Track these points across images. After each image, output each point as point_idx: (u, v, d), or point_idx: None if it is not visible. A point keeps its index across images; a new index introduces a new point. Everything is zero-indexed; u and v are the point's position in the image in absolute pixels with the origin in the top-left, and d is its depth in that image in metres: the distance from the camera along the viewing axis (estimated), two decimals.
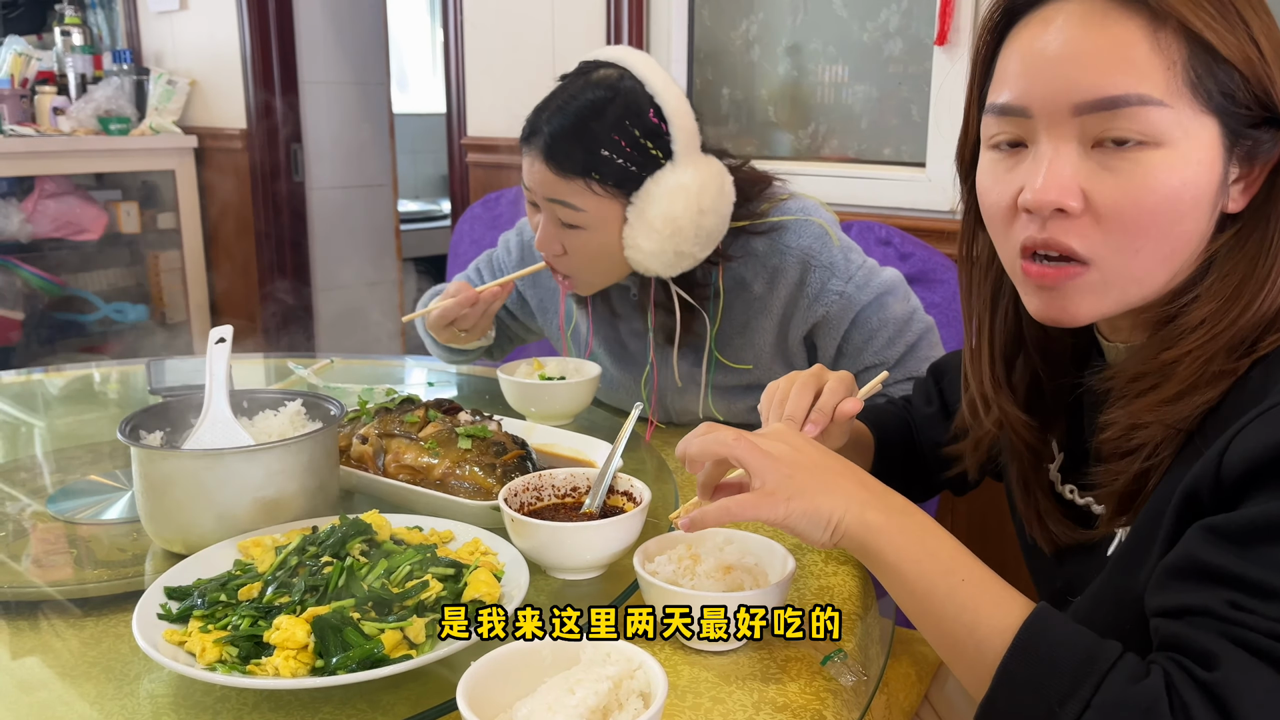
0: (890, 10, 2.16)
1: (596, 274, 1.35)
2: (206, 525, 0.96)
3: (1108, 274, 0.72)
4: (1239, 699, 0.58)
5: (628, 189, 1.26)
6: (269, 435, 1.07)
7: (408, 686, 0.79)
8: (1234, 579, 0.62)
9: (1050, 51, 0.71)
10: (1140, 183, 0.68)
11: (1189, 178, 0.68)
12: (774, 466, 0.76)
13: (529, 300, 1.62)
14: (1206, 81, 0.67)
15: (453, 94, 3.09)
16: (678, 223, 1.24)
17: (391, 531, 0.94)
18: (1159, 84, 0.67)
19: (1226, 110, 0.68)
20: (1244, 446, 0.63)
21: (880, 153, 2.24)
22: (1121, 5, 0.69)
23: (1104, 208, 0.70)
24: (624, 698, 0.69)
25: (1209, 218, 0.71)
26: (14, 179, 3.68)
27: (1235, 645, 0.60)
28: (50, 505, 1.15)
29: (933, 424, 1.12)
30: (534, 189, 1.30)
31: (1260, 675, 0.58)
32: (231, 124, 3.79)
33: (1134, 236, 0.70)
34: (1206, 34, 0.66)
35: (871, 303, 1.36)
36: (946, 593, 0.70)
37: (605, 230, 1.28)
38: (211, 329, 1.10)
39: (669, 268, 1.29)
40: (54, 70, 3.94)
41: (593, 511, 1.00)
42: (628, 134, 1.24)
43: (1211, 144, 0.68)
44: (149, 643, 0.77)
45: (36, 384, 1.78)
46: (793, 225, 1.36)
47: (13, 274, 3.67)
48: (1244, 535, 0.62)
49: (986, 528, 2.10)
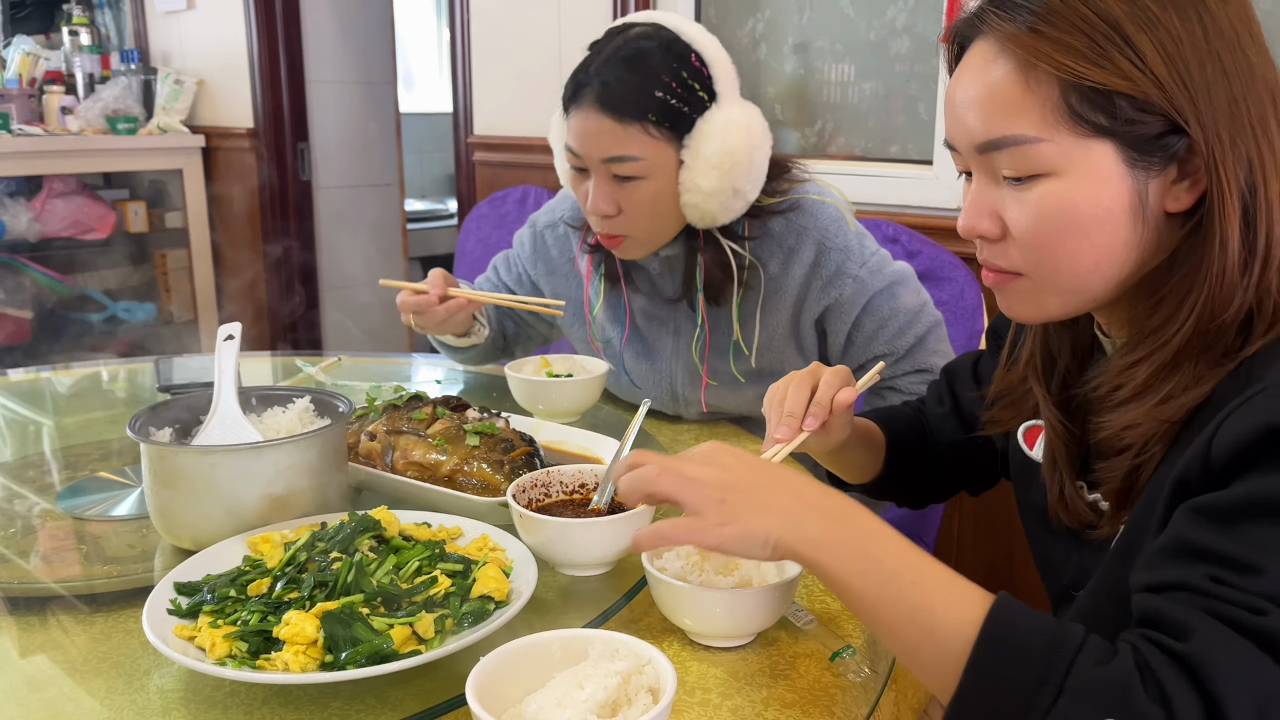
0: (897, 8, 2.16)
1: (652, 228, 1.34)
2: (216, 521, 0.96)
3: (1039, 283, 0.78)
4: (1213, 668, 0.57)
5: (680, 131, 1.27)
6: (278, 432, 1.08)
7: (416, 682, 0.80)
8: (1216, 555, 0.62)
9: (956, 97, 0.78)
10: (1041, 210, 0.74)
11: (1087, 198, 0.73)
12: (702, 493, 0.74)
13: (544, 291, 1.60)
14: (1087, 111, 0.71)
15: (459, 93, 3.10)
16: (734, 156, 1.27)
17: (400, 528, 0.94)
18: (1034, 122, 0.73)
19: (1120, 131, 0.71)
20: (1230, 431, 0.65)
21: (887, 150, 2.24)
22: (1001, 52, 0.74)
23: (1017, 233, 0.76)
24: (633, 693, 0.69)
25: (1131, 225, 0.73)
26: (22, 178, 3.69)
27: (1211, 618, 0.60)
28: (59, 502, 1.15)
29: (945, 424, 1.12)
30: (586, 148, 1.29)
31: (1234, 646, 0.58)
32: (238, 123, 3.80)
33: (1050, 255, 0.76)
34: (1079, 71, 0.71)
35: (884, 290, 1.37)
36: (897, 598, 0.69)
37: (662, 177, 1.29)
38: (220, 326, 1.10)
39: (725, 209, 1.30)
40: (62, 70, 3.95)
41: (600, 508, 1.00)
42: (676, 75, 1.26)
43: (1105, 164, 0.72)
44: (159, 638, 0.78)
45: (45, 382, 1.79)
46: (809, 207, 1.37)
47: (21, 273, 3.68)
48: (1228, 514, 0.63)
49: (994, 525, 2.10)
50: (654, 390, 1.51)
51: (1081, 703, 0.59)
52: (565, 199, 1.59)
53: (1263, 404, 0.64)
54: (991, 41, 0.75)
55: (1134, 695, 0.58)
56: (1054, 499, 0.86)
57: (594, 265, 1.50)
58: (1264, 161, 0.71)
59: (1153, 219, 0.74)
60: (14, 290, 3.66)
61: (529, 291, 1.62)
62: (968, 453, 1.10)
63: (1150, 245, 0.75)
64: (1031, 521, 0.95)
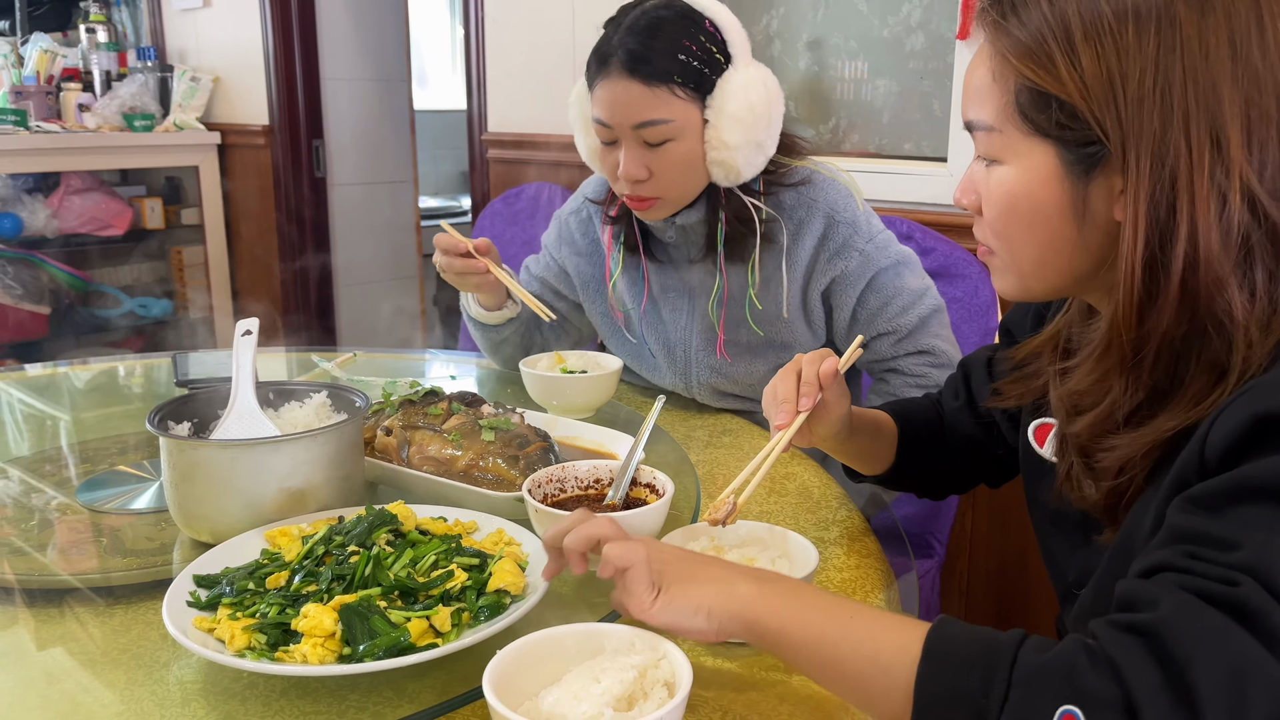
0: (912, 5, 2.15)
1: (681, 188, 1.38)
2: (234, 515, 0.97)
3: (1005, 261, 0.82)
4: (1176, 635, 0.56)
5: (703, 92, 1.33)
6: (295, 427, 1.08)
7: (433, 675, 0.80)
8: (1198, 536, 0.62)
9: (964, 79, 0.83)
10: (995, 192, 0.79)
11: (1023, 191, 0.77)
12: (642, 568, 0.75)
13: (570, 272, 1.64)
14: (1031, 110, 0.74)
15: (473, 90, 3.10)
16: (755, 110, 1.33)
17: (416, 522, 0.95)
18: (994, 112, 0.77)
19: (1056, 135, 0.74)
20: (1221, 429, 0.65)
21: (901, 148, 2.23)
22: (991, 46, 0.78)
23: (984, 209, 0.81)
24: (649, 687, 0.69)
25: (1071, 227, 0.76)
26: (40, 175, 3.72)
27: (1183, 591, 0.59)
28: (79, 495, 1.16)
29: (960, 417, 1.12)
30: (617, 115, 1.34)
31: (1203, 616, 0.57)
32: (254, 120, 3.81)
33: (1004, 238, 0.80)
34: (1025, 71, 0.74)
35: (889, 267, 1.41)
36: (839, 633, 0.69)
37: (689, 137, 1.34)
38: (238, 322, 1.11)
39: (748, 164, 1.36)
40: (79, 67, 3.98)
41: (616, 503, 1.01)
42: (695, 39, 1.32)
43: (1045, 164, 0.75)
44: (179, 630, 0.78)
45: (62, 377, 1.80)
46: (820, 181, 1.43)
47: (39, 269, 3.71)
48: (1215, 499, 0.63)
49: (1008, 522, 2.09)
50: (668, 359, 1.54)
51: (1031, 694, 0.58)
52: (587, 185, 1.64)
53: (1249, 398, 0.65)
54: (985, 33, 0.79)
55: (1081, 674, 0.57)
56: (1061, 478, 0.86)
57: (614, 237, 1.54)
58: (1195, 190, 0.69)
59: (1099, 224, 0.75)
60: (32, 286, 3.69)
61: (557, 277, 1.65)
62: (983, 445, 1.10)
63: (1103, 249, 0.76)
64: (1040, 519, 0.95)
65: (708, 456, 1.33)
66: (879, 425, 1.12)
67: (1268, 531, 0.59)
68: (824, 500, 1.18)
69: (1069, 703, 0.56)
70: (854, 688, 0.69)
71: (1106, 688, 0.56)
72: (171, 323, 4.04)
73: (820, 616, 0.70)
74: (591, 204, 1.60)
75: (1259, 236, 0.69)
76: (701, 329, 1.50)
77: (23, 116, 3.53)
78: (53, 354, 3.70)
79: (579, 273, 1.61)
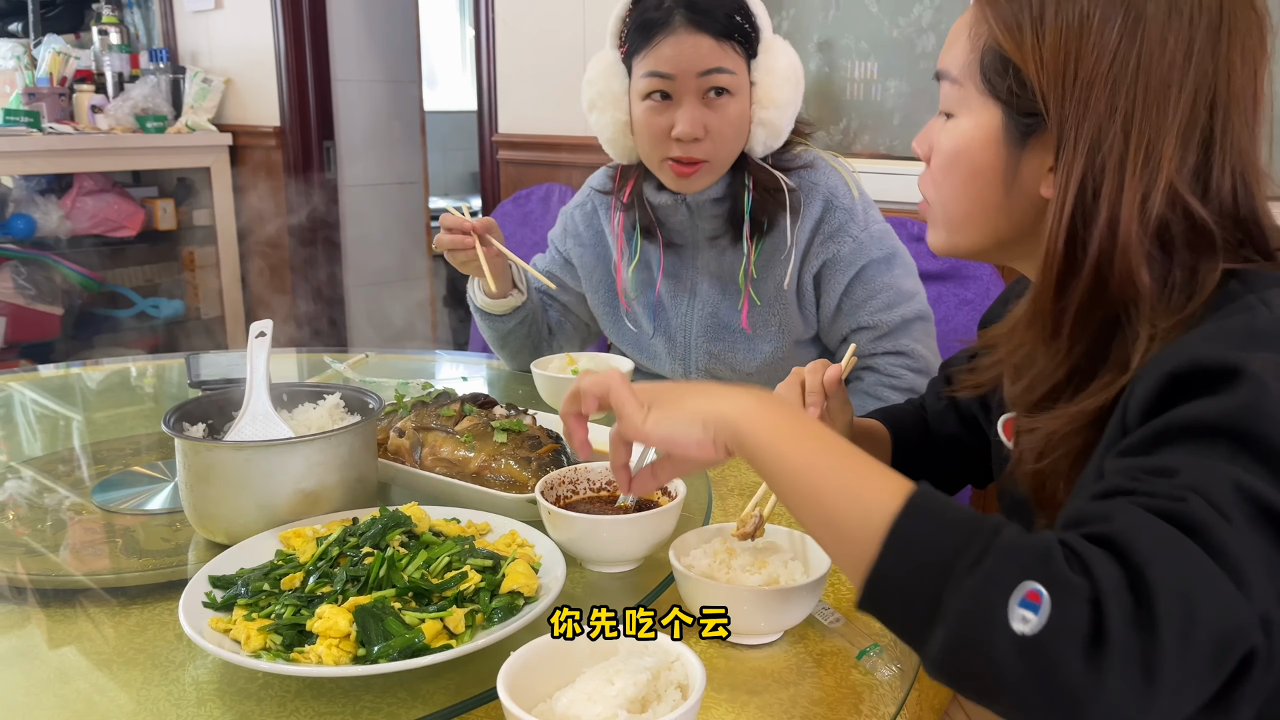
0: (923, 5, 2.15)
1: (731, 149, 1.42)
2: (248, 516, 0.97)
3: (937, 213, 0.86)
4: (1134, 543, 0.57)
5: (750, 55, 1.40)
6: (309, 428, 1.09)
7: (447, 676, 0.80)
8: (1136, 469, 0.64)
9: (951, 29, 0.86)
10: (942, 143, 0.83)
11: (963, 147, 0.81)
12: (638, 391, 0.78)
13: (575, 263, 1.65)
14: (990, 73, 0.78)
15: (484, 92, 3.11)
16: (798, 72, 1.41)
17: (430, 523, 0.95)
18: (960, 65, 0.81)
19: (1005, 99, 0.78)
20: (1138, 392, 0.68)
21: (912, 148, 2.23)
22: (978, 4, 0.80)
23: (931, 158, 0.86)
24: (662, 689, 0.69)
25: (1001, 191, 0.80)
26: (53, 176, 3.73)
27: (1132, 505, 0.60)
28: (95, 496, 1.17)
29: (944, 417, 1.14)
30: (683, 65, 1.36)
31: (1154, 527, 0.58)
32: (265, 122, 3.83)
33: (940, 185, 0.85)
34: (994, 32, 0.77)
35: (881, 259, 1.44)
36: (830, 466, 0.68)
37: (743, 96, 1.40)
38: (252, 323, 1.11)
39: (788, 125, 1.43)
40: (92, 69, 4.00)
41: (628, 505, 1.01)
42: (739, 6, 1.39)
43: (990, 125, 0.79)
44: (195, 630, 0.79)
45: (75, 378, 1.81)
46: (822, 165, 1.47)
47: (52, 270, 3.73)
48: (1145, 444, 0.65)
49: None
50: (668, 346, 1.56)
51: (1004, 563, 0.58)
52: (593, 178, 1.67)
53: (1159, 360, 0.68)
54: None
55: (1055, 560, 0.57)
56: (1013, 463, 0.87)
57: (626, 224, 1.56)
58: (1125, 179, 0.72)
59: (1025, 195, 0.79)
60: (44, 286, 3.70)
61: (563, 269, 1.67)
62: (967, 445, 1.12)
63: (1025, 220, 0.80)
64: (1007, 511, 0.98)
65: None
66: (873, 433, 1.13)
67: (1200, 459, 0.61)
68: None
69: (1039, 581, 0.56)
70: (828, 521, 0.68)
71: (1076, 579, 0.57)
72: (182, 323, 4.06)
73: (816, 445, 0.70)
74: (598, 194, 1.62)
75: (1180, 230, 0.72)
76: (702, 315, 1.52)
77: (36, 118, 3.55)
78: (65, 355, 3.72)
79: (583, 263, 1.63)
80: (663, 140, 1.40)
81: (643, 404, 0.76)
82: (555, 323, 1.68)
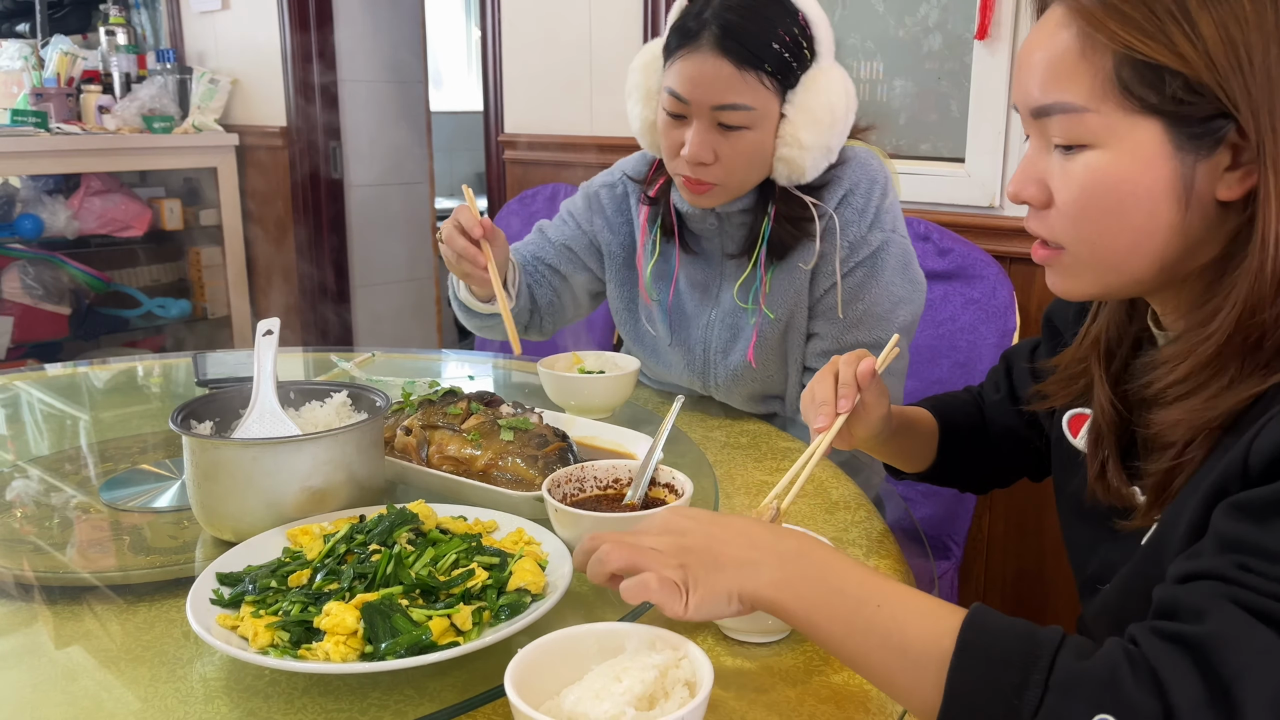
0: (929, 5, 2.15)
1: (742, 179, 1.35)
2: (256, 513, 0.97)
3: (1080, 257, 0.77)
4: (1225, 651, 0.55)
5: (786, 85, 1.29)
6: (316, 426, 1.09)
7: (454, 673, 0.80)
8: (1247, 545, 0.60)
9: (1022, 59, 0.78)
10: (1081, 180, 0.74)
11: (1126, 175, 0.72)
12: (660, 561, 0.74)
13: (600, 245, 1.57)
14: (1136, 86, 0.70)
15: (490, 92, 3.11)
16: (835, 113, 1.29)
17: (437, 521, 0.95)
18: (1084, 91, 0.72)
19: (1168, 110, 0.70)
20: (1270, 437, 0.64)
21: (918, 148, 2.23)
22: (1067, 17, 0.73)
23: (1059, 201, 0.76)
24: (670, 686, 0.69)
25: (1173, 209, 0.72)
26: (61, 176, 3.75)
27: (1232, 604, 0.58)
28: (103, 494, 1.17)
29: (1001, 410, 1.12)
30: (697, 93, 1.28)
31: (1255, 634, 0.55)
32: (272, 122, 3.84)
33: (1087, 227, 0.75)
34: (1132, 44, 0.69)
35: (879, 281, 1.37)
36: (866, 626, 0.68)
37: (764, 129, 1.30)
38: (259, 322, 1.11)
39: (814, 166, 1.32)
40: (99, 69, 4.01)
41: (635, 503, 1.01)
42: (789, 30, 1.28)
43: (1151, 142, 0.71)
44: (203, 627, 0.79)
45: (82, 377, 1.82)
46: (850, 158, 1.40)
47: (59, 269, 3.74)
48: (1265, 508, 0.61)
49: (1025, 526, 2.09)
50: (685, 355, 1.51)
51: (1068, 700, 0.57)
52: (626, 162, 1.58)
53: None
54: (1062, 6, 0.74)
55: (1121, 684, 0.56)
56: (1093, 476, 0.85)
57: (649, 219, 1.49)
58: None
59: (1201, 205, 0.72)
60: (52, 286, 3.71)
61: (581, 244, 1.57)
62: (1024, 438, 1.10)
63: (1198, 232, 0.73)
64: (1067, 510, 0.95)
65: (725, 457, 1.33)
66: (917, 423, 1.11)
67: None
68: (842, 501, 1.18)
69: (1107, 711, 0.55)
70: (882, 679, 0.68)
71: (1146, 700, 0.55)
72: (189, 323, 4.06)
73: (846, 606, 0.69)
74: (630, 181, 1.54)
75: None
76: (723, 328, 1.47)
77: (43, 118, 3.56)
78: (72, 354, 3.73)
79: (609, 250, 1.56)
80: (676, 155, 1.34)
81: (680, 590, 0.72)
82: (546, 304, 1.58)
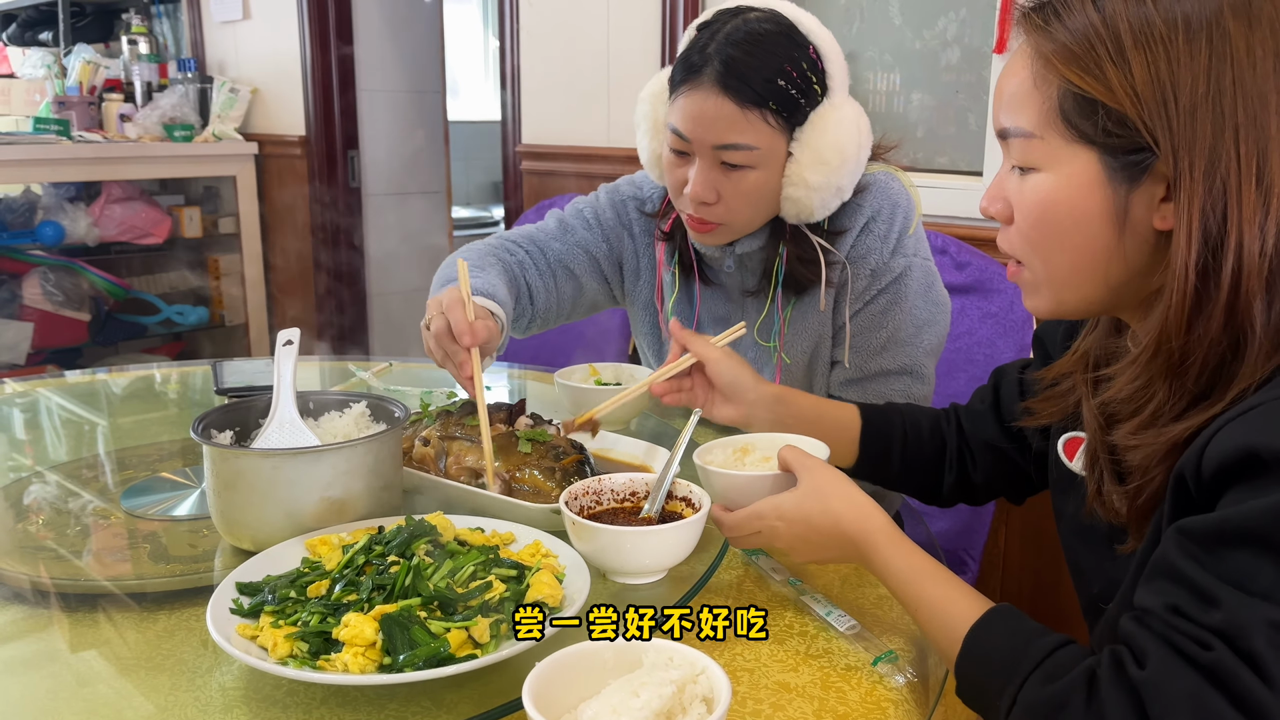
0: (948, 19, 2.15)
1: (747, 218, 1.31)
2: (275, 523, 0.98)
3: (1036, 274, 0.82)
4: (1156, 698, 0.62)
5: (794, 123, 1.25)
6: (335, 436, 1.09)
7: (471, 685, 0.81)
8: (1187, 582, 0.65)
9: (996, 84, 0.83)
10: (1030, 199, 0.79)
11: (1063, 199, 0.77)
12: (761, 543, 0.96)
13: (623, 260, 1.52)
14: (1075, 117, 0.75)
15: (508, 102, 3.13)
16: (845, 153, 1.25)
17: (455, 532, 0.96)
18: (1033, 118, 0.77)
19: (1101, 141, 0.74)
20: (1220, 445, 0.66)
21: (935, 161, 2.23)
22: (1030, 50, 0.78)
23: (1016, 218, 0.82)
24: (687, 702, 0.69)
25: (1110, 234, 0.76)
26: (82, 184, 3.78)
27: (1169, 647, 0.64)
28: (124, 501, 1.18)
29: (983, 420, 1.12)
30: (699, 131, 1.24)
31: (1182, 678, 0.62)
32: (291, 131, 3.86)
33: (1037, 245, 0.80)
34: (1072, 78, 0.74)
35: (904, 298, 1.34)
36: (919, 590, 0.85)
37: (770, 168, 1.26)
38: (279, 332, 1.12)
39: (823, 206, 1.28)
40: (121, 78, 4.05)
41: (652, 516, 1.01)
42: (797, 65, 1.23)
43: (1088, 170, 0.75)
44: (223, 636, 0.79)
45: (101, 384, 1.83)
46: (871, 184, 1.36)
47: (79, 276, 3.77)
48: (1209, 539, 0.65)
49: (1041, 539, 2.08)
50: None
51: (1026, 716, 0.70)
52: (640, 193, 1.53)
53: (1249, 421, 0.66)
54: (1029, 41, 0.79)
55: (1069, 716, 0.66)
56: (1091, 494, 0.86)
57: (667, 254, 1.46)
58: (1243, 198, 0.69)
59: (1138, 232, 0.75)
60: (72, 293, 3.74)
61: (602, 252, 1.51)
62: (1007, 455, 1.10)
63: (1141, 258, 0.77)
64: (1067, 532, 0.96)
65: None
66: (830, 415, 1.16)
67: (1246, 582, 0.62)
68: None
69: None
70: (926, 630, 0.85)
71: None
72: (207, 330, 4.09)
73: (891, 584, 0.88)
74: (639, 212, 1.51)
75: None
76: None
77: (65, 126, 3.60)
78: (91, 360, 3.76)
79: (631, 267, 1.53)
80: (680, 193, 1.30)
81: None
82: (543, 307, 1.50)
